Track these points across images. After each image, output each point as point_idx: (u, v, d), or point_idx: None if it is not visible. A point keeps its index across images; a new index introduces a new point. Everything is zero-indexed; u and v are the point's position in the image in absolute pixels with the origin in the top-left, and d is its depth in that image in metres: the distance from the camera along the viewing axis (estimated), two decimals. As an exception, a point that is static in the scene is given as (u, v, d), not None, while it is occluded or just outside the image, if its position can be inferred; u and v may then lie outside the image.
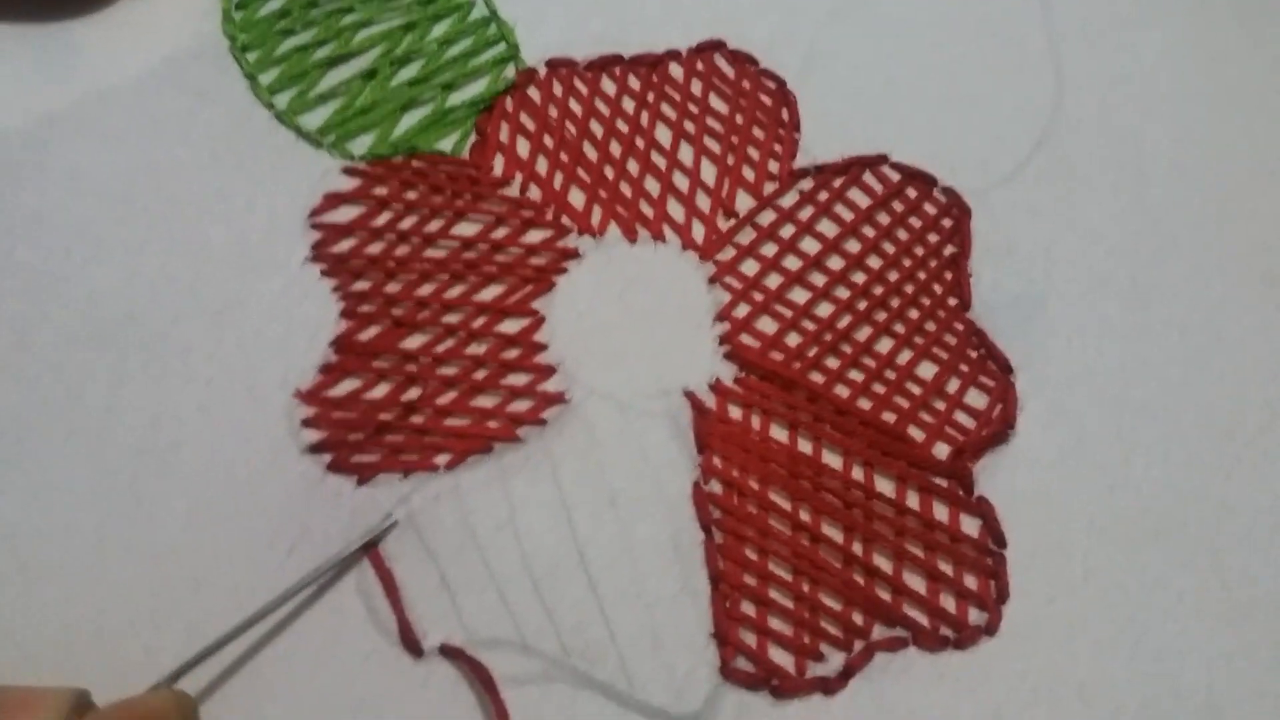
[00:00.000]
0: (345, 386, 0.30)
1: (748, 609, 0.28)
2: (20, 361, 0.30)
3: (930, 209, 0.35)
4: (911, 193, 0.35)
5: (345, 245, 0.32)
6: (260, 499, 0.28)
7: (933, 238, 0.35)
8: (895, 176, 0.36)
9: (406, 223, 0.32)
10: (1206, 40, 0.39)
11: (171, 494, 0.28)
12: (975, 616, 0.29)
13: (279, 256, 0.32)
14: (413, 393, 0.29)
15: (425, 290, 0.31)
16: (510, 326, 0.31)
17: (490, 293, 0.31)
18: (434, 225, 0.33)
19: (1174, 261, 0.35)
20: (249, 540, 0.27)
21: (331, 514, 0.27)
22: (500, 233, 0.33)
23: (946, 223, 0.35)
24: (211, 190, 0.33)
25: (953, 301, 0.34)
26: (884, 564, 0.29)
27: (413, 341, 0.30)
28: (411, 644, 0.26)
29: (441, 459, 0.29)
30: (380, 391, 0.29)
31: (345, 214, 0.33)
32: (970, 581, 0.29)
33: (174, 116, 0.34)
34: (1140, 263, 0.35)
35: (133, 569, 0.27)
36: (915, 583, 0.29)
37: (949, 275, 0.34)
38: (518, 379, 0.30)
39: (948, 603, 0.29)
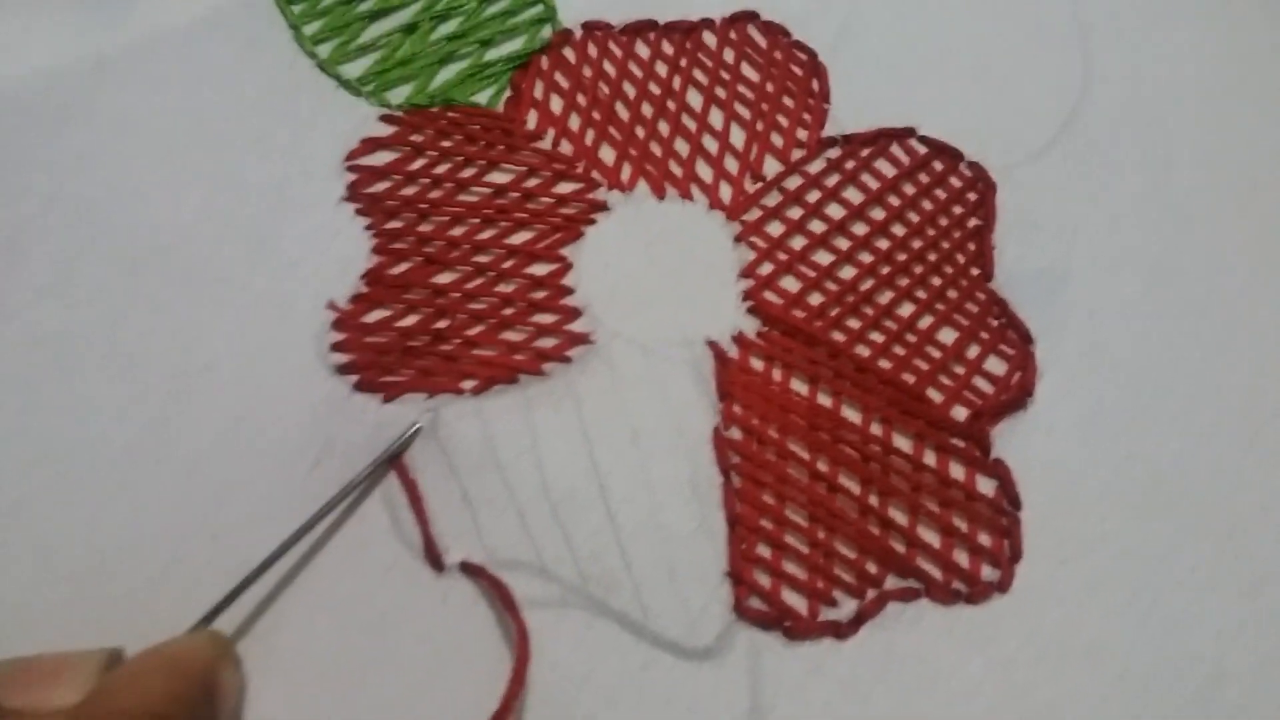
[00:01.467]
0: (376, 315, 0.30)
1: (763, 551, 0.28)
2: (65, 288, 0.30)
3: (956, 182, 0.36)
4: (938, 165, 0.36)
5: (380, 187, 0.33)
6: (288, 416, 0.28)
7: (957, 210, 0.35)
8: (922, 149, 0.36)
9: (441, 169, 0.33)
10: (1234, 29, 0.40)
11: (203, 413, 0.28)
12: (988, 573, 0.29)
13: (315, 196, 0.33)
14: (441, 323, 0.30)
15: (457, 231, 0.32)
16: (539, 270, 0.31)
17: (520, 238, 0.32)
18: (468, 172, 0.33)
19: (1196, 243, 0.35)
20: (277, 454, 0.28)
21: (357, 429, 0.28)
22: (532, 182, 0.33)
23: (972, 196, 0.35)
24: (254, 133, 0.34)
25: (975, 272, 0.34)
26: (899, 517, 0.29)
27: (443, 278, 0.31)
28: (434, 559, 0.27)
29: (468, 384, 0.29)
30: (409, 321, 0.30)
31: (381, 158, 0.33)
32: (984, 539, 0.29)
33: (221, 63, 0.35)
34: (1163, 243, 0.35)
35: (164, 482, 0.27)
36: (930, 537, 0.29)
37: (972, 246, 0.34)
38: (545, 318, 0.31)
39: (961, 558, 0.29)
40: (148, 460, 0.28)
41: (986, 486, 0.30)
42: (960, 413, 0.31)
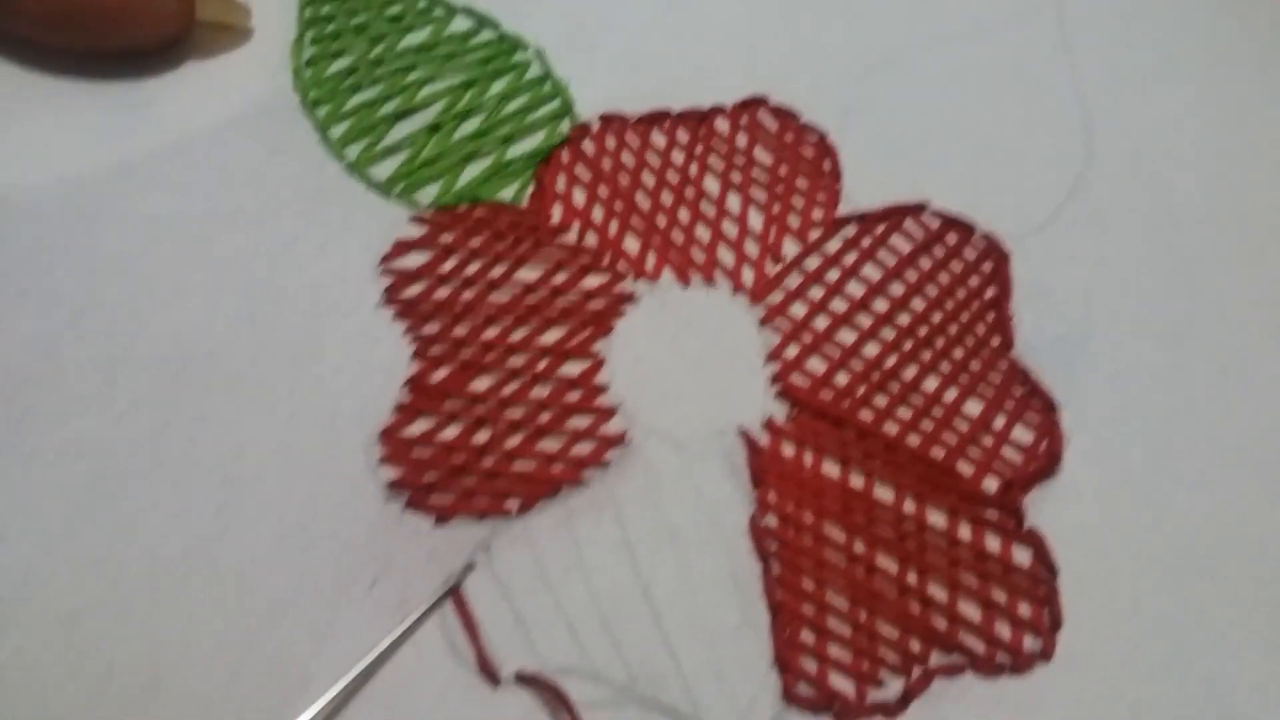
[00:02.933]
0: (419, 425, 0.31)
1: (807, 637, 0.29)
2: (107, 397, 0.31)
3: (970, 254, 0.37)
4: (952, 238, 0.37)
5: (414, 290, 0.33)
6: (342, 533, 0.29)
7: (974, 281, 0.36)
8: (935, 223, 0.37)
9: (471, 268, 0.34)
10: (1230, 90, 0.41)
11: (254, 526, 0.29)
12: (1030, 643, 0.29)
13: (353, 301, 0.33)
14: (482, 435, 0.31)
15: (491, 333, 0.33)
16: (572, 368, 0.32)
17: (552, 336, 0.33)
18: (497, 270, 0.34)
19: (1207, 303, 0.36)
20: (332, 571, 0.28)
21: (412, 552, 0.29)
22: (559, 277, 0.34)
23: (987, 266, 0.36)
24: (287, 237, 0.34)
25: (996, 342, 0.35)
26: (938, 593, 0.30)
27: (480, 383, 0.32)
28: (489, 672, 0.27)
29: (512, 503, 0.30)
30: (451, 432, 0.31)
31: (414, 260, 0.34)
32: (1024, 609, 0.30)
33: (247, 168, 0.36)
34: (1175, 302, 0.36)
35: (217, 597, 0.28)
36: (970, 611, 0.30)
37: (991, 317, 0.35)
38: (580, 421, 0.31)
39: (1002, 630, 0.30)
40: (200, 574, 0.28)
41: (1022, 556, 0.31)
42: (991, 484, 0.32)
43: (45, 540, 0.28)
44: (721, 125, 0.39)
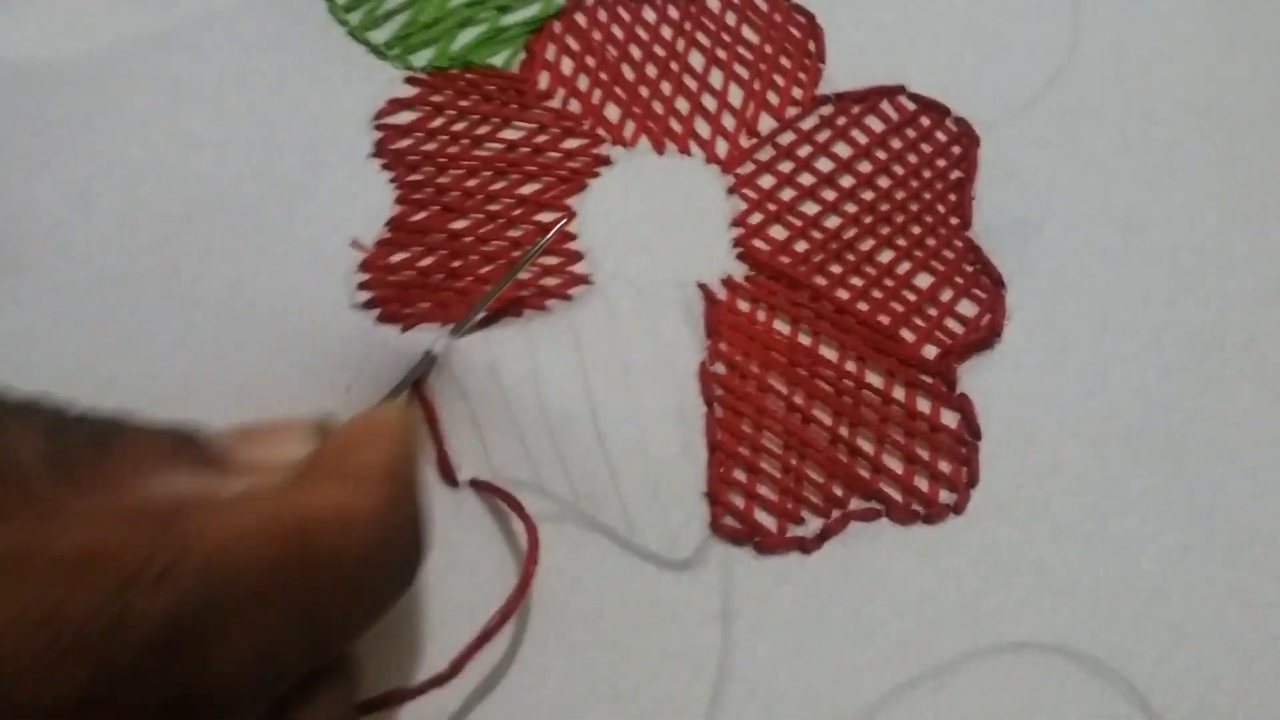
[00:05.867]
0: (398, 258, 0.34)
1: (739, 475, 0.31)
2: (127, 240, 0.34)
3: (941, 136, 0.38)
4: (925, 121, 0.38)
5: (404, 143, 0.36)
6: (322, 347, 0.32)
7: (940, 162, 0.37)
8: (911, 106, 0.38)
9: (459, 126, 0.36)
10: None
11: (250, 345, 0.32)
12: (945, 496, 0.32)
13: (346, 152, 0.36)
14: (456, 263, 0.33)
15: (472, 183, 0.35)
16: (545, 218, 0.35)
17: (529, 189, 0.35)
18: (483, 129, 0.36)
19: (1171, 193, 0.37)
20: (315, 381, 0.32)
21: (381, 357, 0.32)
22: (541, 138, 0.36)
23: (956, 150, 0.38)
24: (292, 97, 0.38)
25: (955, 221, 0.36)
26: (866, 446, 0.32)
27: (459, 224, 0.34)
28: (449, 475, 0.30)
29: (477, 317, 0.33)
30: (428, 261, 0.34)
31: (405, 117, 0.37)
32: (944, 466, 0.32)
33: (264, 34, 0.39)
34: (1137, 194, 0.37)
35: (217, 404, 0.31)
36: (894, 464, 0.32)
37: (953, 197, 0.37)
38: (549, 260, 0.34)
39: (922, 483, 0.32)
40: (202, 386, 0.32)
41: (951, 419, 0.33)
42: (931, 351, 0.34)
43: (69, 359, 0.32)
44: (712, 3, 0.40)
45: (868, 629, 0.30)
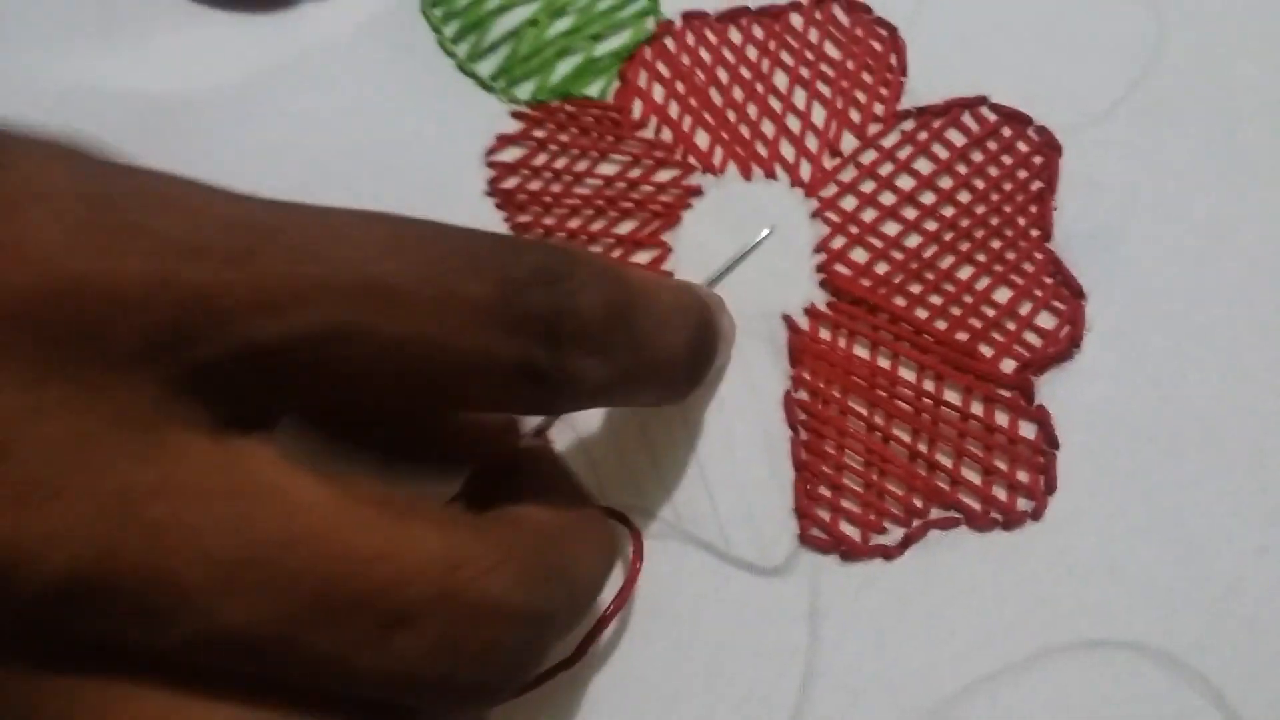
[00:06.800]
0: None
1: (824, 492, 0.34)
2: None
3: (1023, 147, 0.39)
4: (1006, 132, 0.39)
5: (511, 182, 0.39)
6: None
7: (1022, 174, 0.39)
8: (992, 117, 0.39)
9: (560, 163, 0.39)
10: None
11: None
12: (1023, 504, 0.34)
13: (462, 189, 0.39)
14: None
15: (574, 224, 0.38)
16: (642, 257, 0.38)
17: (626, 226, 0.38)
18: (581, 165, 0.39)
19: (1256, 198, 0.38)
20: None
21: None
22: (635, 172, 0.39)
23: (1037, 160, 0.39)
24: (409, 131, 0.41)
25: (1035, 233, 0.38)
26: (945, 460, 0.35)
27: (564, 266, 0.38)
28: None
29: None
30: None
31: (513, 153, 0.40)
32: (1022, 476, 0.34)
33: (379, 67, 0.42)
34: (1221, 201, 0.38)
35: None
36: (972, 476, 0.34)
37: (1034, 209, 0.38)
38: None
39: (999, 492, 0.34)
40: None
41: (1029, 430, 0.35)
42: (1009, 365, 0.36)
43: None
44: (796, 21, 0.41)
45: (947, 628, 0.33)
